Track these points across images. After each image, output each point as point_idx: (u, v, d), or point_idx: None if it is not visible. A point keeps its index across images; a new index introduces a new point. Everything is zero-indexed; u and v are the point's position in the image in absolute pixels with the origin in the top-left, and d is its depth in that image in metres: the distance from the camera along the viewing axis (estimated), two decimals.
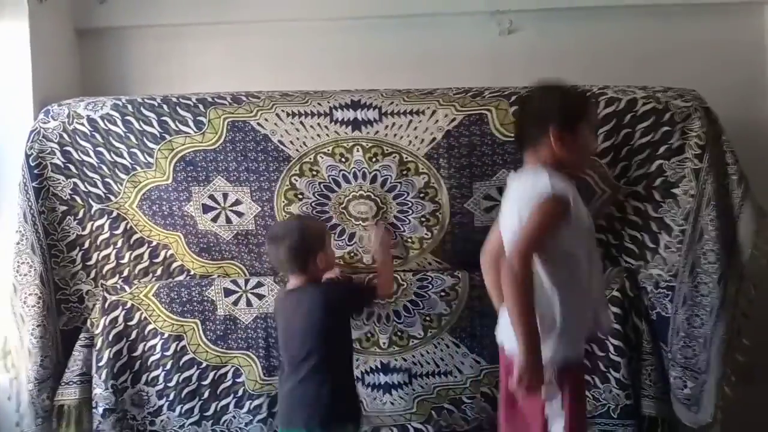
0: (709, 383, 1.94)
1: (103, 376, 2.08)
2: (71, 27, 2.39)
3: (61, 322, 2.12)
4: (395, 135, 1.99)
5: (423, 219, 2.05)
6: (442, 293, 2.10)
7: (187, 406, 2.12)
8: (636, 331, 2.08)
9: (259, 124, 1.99)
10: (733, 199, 1.93)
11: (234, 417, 2.12)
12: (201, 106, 2.01)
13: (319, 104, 1.99)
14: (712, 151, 1.93)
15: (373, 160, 2.01)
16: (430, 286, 2.10)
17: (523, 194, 1.66)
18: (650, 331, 2.07)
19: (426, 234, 2.07)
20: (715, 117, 1.94)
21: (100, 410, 2.07)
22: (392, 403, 2.12)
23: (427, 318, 2.11)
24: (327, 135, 2.00)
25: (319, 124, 1.99)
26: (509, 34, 2.40)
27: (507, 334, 1.69)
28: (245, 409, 2.12)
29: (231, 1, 2.37)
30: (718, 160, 1.93)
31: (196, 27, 2.42)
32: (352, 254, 2.11)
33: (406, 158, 2.00)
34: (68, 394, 2.10)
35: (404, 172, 2.01)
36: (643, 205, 2.03)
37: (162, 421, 2.12)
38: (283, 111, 1.99)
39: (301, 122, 1.99)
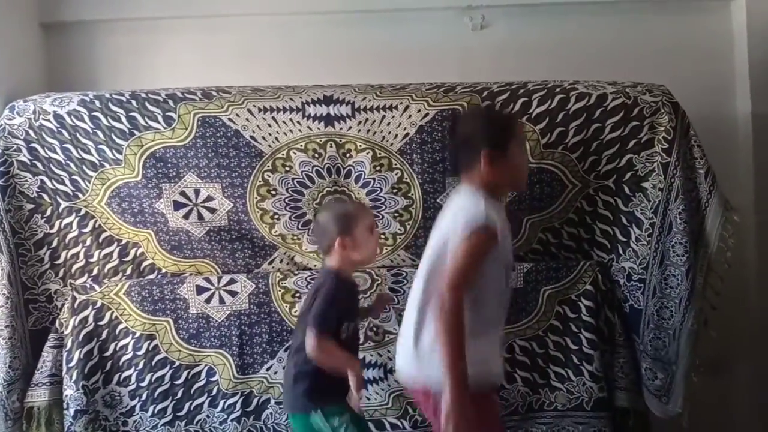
0: (678, 374, 1.98)
1: (74, 376, 2.04)
2: (36, 21, 2.34)
3: (30, 322, 2.07)
4: (368, 130, 1.99)
5: (396, 214, 2.05)
6: None
7: (160, 406, 2.08)
8: (609, 324, 2.11)
9: (230, 119, 1.98)
10: (701, 192, 1.97)
11: (208, 416, 2.10)
12: (171, 102, 1.98)
13: (291, 99, 1.98)
14: (680, 146, 1.96)
15: (347, 155, 2.01)
16: (405, 282, 2.09)
17: (458, 214, 1.66)
18: (623, 323, 2.10)
19: (399, 229, 2.07)
20: (683, 112, 1.98)
21: (72, 411, 2.03)
22: (368, 399, 2.11)
23: (402, 314, 2.10)
24: (300, 131, 1.99)
25: (291, 119, 1.98)
26: (481, 30, 2.41)
27: (426, 372, 1.65)
28: (219, 408, 2.09)
29: None
30: (686, 154, 1.97)
31: (166, 21, 2.38)
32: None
33: (380, 154, 2.00)
34: (38, 396, 2.06)
35: (378, 168, 2.01)
36: (614, 199, 2.06)
37: (135, 421, 2.09)
38: (254, 106, 1.98)
39: (273, 118, 1.98)
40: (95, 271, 2.10)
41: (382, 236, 2.07)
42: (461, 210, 1.67)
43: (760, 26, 2.35)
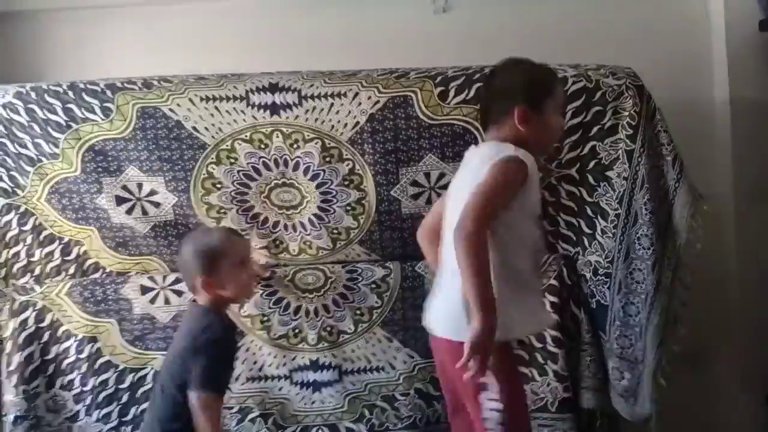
0: (645, 374, 1.87)
1: (14, 381, 1.95)
2: None
3: None
4: (316, 119, 1.89)
5: (348, 208, 1.95)
6: (373, 285, 2.00)
7: (104, 411, 1.99)
8: (575, 321, 2.00)
9: (170, 109, 1.88)
10: (668, 181, 1.86)
11: None
12: (109, 92, 1.88)
13: (234, 87, 1.88)
14: (646, 132, 1.85)
15: (294, 146, 1.91)
16: (360, 278, 2.00)
17: (484, 159, 1.55)
18: (589, 320, 1.99)
19: (352, 223, 1.97)
20: (649, 95, 1.86)
21: (11, 418, 1.94)
22: (322, 402, 2.02)
23: (358, 311, 2.01)
24: (244, 120, 1.89)
25: (235, 108, 1.88)
26: (444, 13, 2.29)
27: (446, 321, 1.57)
28: None
29: None
30: (651, 140, 1.86)
31: (113, 10, 2.28)
32: (277, 242, 2.00)
33: (329, 144, 1.90)
34: None
35: (327, 159, 1.91)
36: (578, 190, 1.95)
37: (80, 426, 2.00)
38: (196, 96, 1.88)
39: (216, 107, 1.88)
40: (37, 271, 2.01)
41: (334, 231, 1.97)
42: (489, 154, 1.54)
43: (738, 6, 2.23)
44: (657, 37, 2.27)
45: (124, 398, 2.00)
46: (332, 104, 1.88)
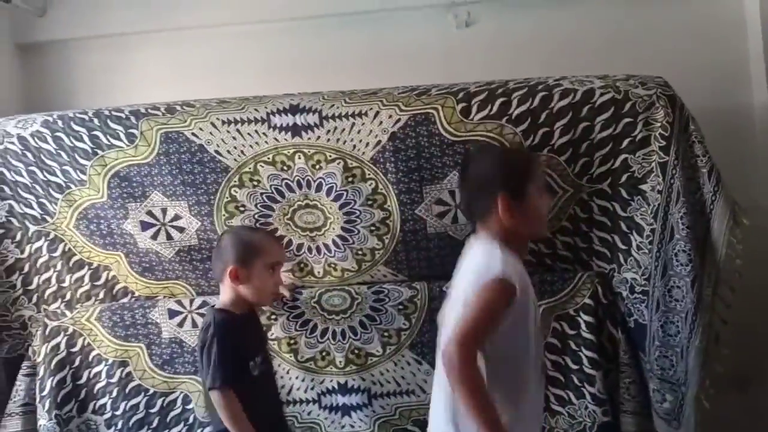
0: (688, 396, 1.78)
1: (47, 405, 1.97)
2: (11, 42, 2.30)
3: (3, 350, 2.01)
4: (338, 140, 1.86)
5: (373, 228, 1.92)
6: (400, 306, 1.96)
7: None
8: (612, 341, 1.92)
9: (193, 134, 1.88)
10: (705, 194, 1.77)
11: None
12: (133, 118, 1.90)
13: (256, 110, 1.87)
14: (679, 143, 1.76)
15: (316, 167, 1.88)
16: (387, 299, 1.96)
17: (474, 269, 1.52)
18: (627, 340, 1.91)
19: (377, 244, 1.93)
20: (682, 105, 1.78)
21: None
22: (352, 426, 1.98)
23: (386, 333, 1.97)
24: (266, 142, 1.88)
25: (256, 131, 1.87)
26: (467, 27, 2.25)
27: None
28: None
29: (172, 7, 2.26)
30: (686, 152, 1.77)
31: (139, 36, 2.33)
32: (301, 265, 1.98)
33: (351, 164, 1.87)
34: (12, 426, 1.99)
35: (350, 179, 1.88)
36: (611, 204, 1.87)
37: None
38: (218, 119, 1.87)
39: (238, 130, 1.87)
40: (68, 296, 2.04)
41: (359, 252, 1.94)
42: (475, 264, 1.53)
43: None
44: (691, 43, 2.20)
45: (155, 423, 2.01)
46: (353, 124, 1.85)
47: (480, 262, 1.51)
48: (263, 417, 1.69)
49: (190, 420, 2.01)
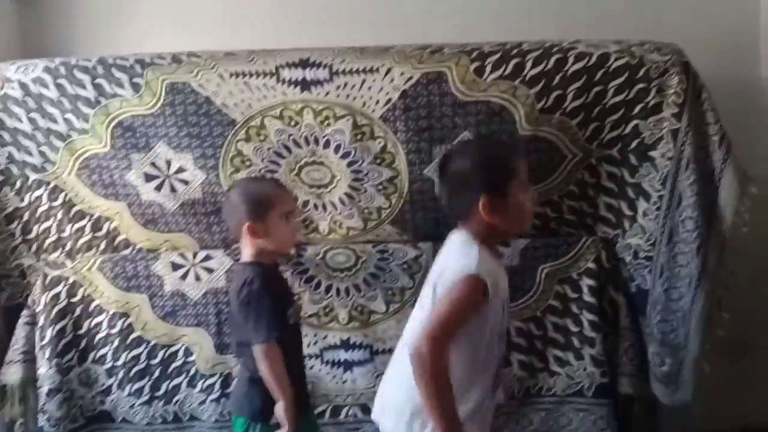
0: (687, 360, 1.81)
1: (47, 354, 1.96)
2: None
3: (3, 298, 2.00)
4: (348, 96, 1.84)
5: (380, 187, 1.91)
6: (405, 266, 1.96)
7: (136, 386, 2.00)
8: (613, 305, 1.95)
9: (200, 85, 1.84)
10: (714, 162, 1.78)
11: (186, 397, 2.01)
12: (138, 67, 1.85)
13: (265, 63, 1.83)
14: (692, 110, 1.77)
15: (325, 123, 1.86)
16: (392, 259, 1.96)
17: (450, 265, 1.50)
18: (628, 304, 1.94)
19: (384, 203, 1.93)
20: (695, 72, 1.77)
21: (45, 390, 1.95)
22: (353, 382, 2.00)
23: (390, 292, 1.98)
24: (274, 96, 1.84)
25: (265, 84, 1.84)
26: None
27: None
28: (198, 389, 2.00)
29: None
30: (697, 119, 1.77)
31: None
32: (306, 222, 1.97)
33: (361, 121, 1.85)
34: (11, 373, 1.98)
35: (358, 137, 1.86)
36: (619, 170, 1.88)
37: (112, 400, 2.01)
38: (225, 71, 1.83)
39: (246, 83, 1.84)
40: (68, 246, 2.01)
41: (365, 211, 1.94)
42: (451, 260, 1.51)
43: None
44: (703, 12, 2.17)
45: (156, 373, 2.01)
46: (364, 80, 1.82)
47: (456, 258, 1.50)
48: (295, 366, 1.70)
49: (192, 371, 2.01)
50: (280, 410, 1.59)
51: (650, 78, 1.77)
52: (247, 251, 1.72)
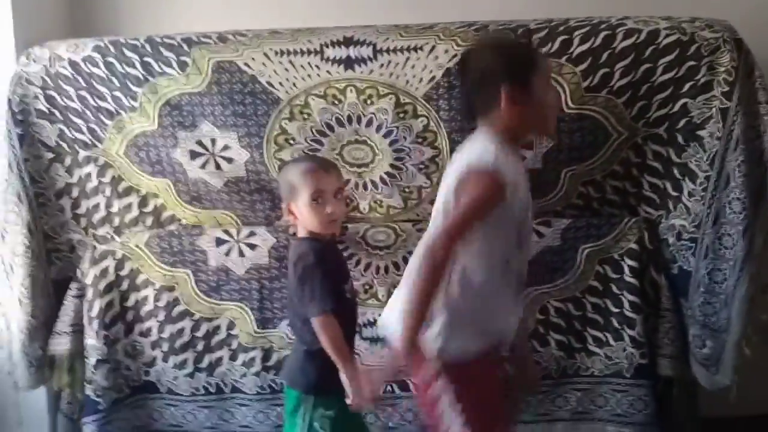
0: (729, 343, 1.80)
1: (95, 326, 2.02)
2: None
3: (53, 271, 2.05)
4: (391, 74, 1.84)
5: (421, 166, 1.91)
6: None
7: (180, 358, 2.06)
8: (654, 287, 1.94)
9: (246, 64, 1.86)
10: (765, 142, 1.74)
11: (228, 370, 2.06)
12: (185, 46, 1.87)
13: (309, 42, 1.85)
14: (743, 89, 1.73)
15: (368, 102, 1.87)
16: None
17: (466, 161, 1.49)
18: (670, 286, 1.93)
19: (425, 182, 1.93)
20: (747, 50, 1.73)
21: (92, 360, 2.02)
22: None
23: None
24: (318, 75, 1.86)
25: (309, 63, 1.85)
26: None
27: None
28: (239, 362, 2.05)
29: None
30: (748, 98, 1.74)
31: None
32: (347, 201, 1.98)
33: (403, 99, 1.85)
34: (60, 344, 2.04)
35: (401, 115, 1.87)
36: (665, 150, 1.86)
37: (156, 372, 2.07)
38: (271, 50, 1.85)
39: (291, 61, 1.85)
40: (116, 222, 2.06)
41: (406, 190, 1.95)
42: (468, 157, 1.49)
43: None
44: None
45: (199, 347, 2.06)
46: (408, 58, 1.82)
47: (473, 155, 1.48)
48: (350, 340, 1.74)
49: (234, 345, 2.05)
50: (344, 380, 1.61)
51: (701, 55, 1.74)
52: (300, 228, 1.75)
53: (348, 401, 1.60)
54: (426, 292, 1.42)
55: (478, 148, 1.49)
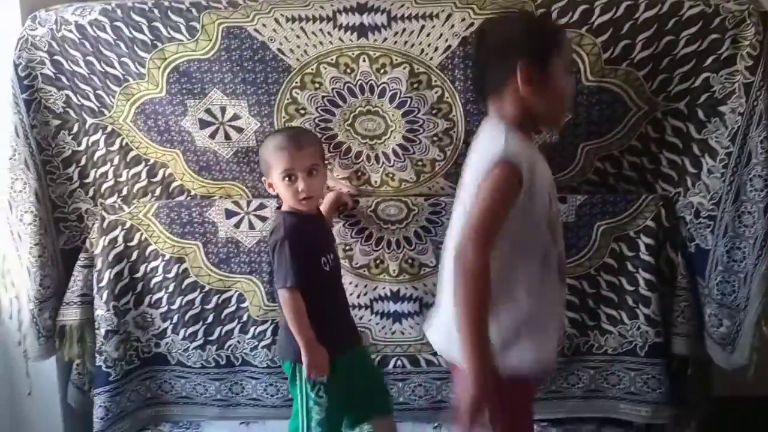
0: (746, 322, 1.77)
1: (105, 297, 2.01)
2: None
3: (61, 241, 2.04)
4: (405, 42, 1.79)
5: (435, 138, 1.87)
6: None
7: (191, 330, 2.05)
8: (670, 265, 1.91)
9: (256, 30, 1.81)
10: None
11: (239, 342, 2.05)
12: (194, 11, 1.82)
13: (321, 7, 1.79)
14: (767, 64, 1.67)
15: (381, 71, 1.82)
16: (444, 212, 1.93)
17: (480, 156, 1.40)
18: (686, 264, 1.89)
19: (438, 155, 1.89)
20: None
21: (102, 331, 2.01)
22: (402, 333, 2.01)
23: (440, 246, 1.95)
24: (330, 42, 1.81)
25: (321, 30, 1.80)
26: None
27: (441, 340, 1.51)
28: (250, 335, 2.04)
29: None
30: None
31: None
32: (359, 173, 1.95)
33: (418, 69, 1.81)
34: (70, 315, 2.04)
35: (415, 85, 1.82)
36: (685, 125, 1.81)
37: (167, 343, 2.07)
38: (282, 15, 1.80)
39: (302, 28, 1.80)
40: (124, 191, 2.03)
41: (419, 163, 1.91)
42: (482, 150, 1.41)
43: None
44: None
45: (210, 318, 2.05)
46: (423, 26, 1.77)
47: (485, 147, 1.40)
48: (331, 310, 1.75)
49: (244, 318, 2.04)
50: (303, 353, 1.65)
51: (725, 28, 1.68)
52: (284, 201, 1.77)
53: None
54: (475, 313, 1.30)
55: (488, 138, 1.42)
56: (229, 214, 2.00)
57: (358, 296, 1.99)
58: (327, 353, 1.66)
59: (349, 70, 1.83)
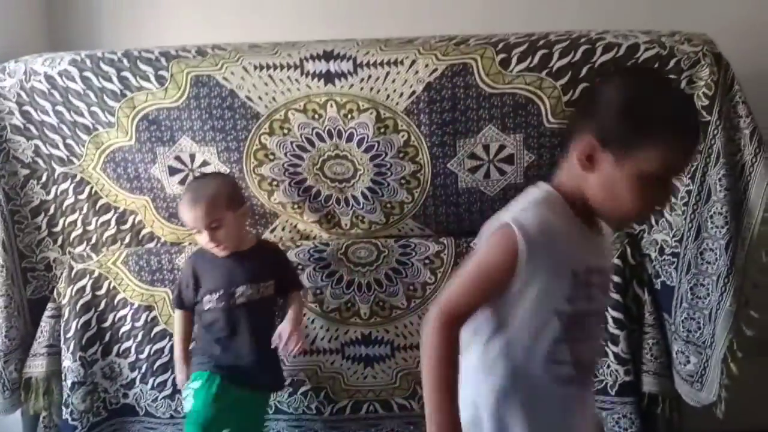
0: (713, 359, 1.78)
1: (72, 347, 1.97)
2: None
3: (29, 291, 2.01)
4: (371, 89, 1.82)
5: (403, 181, 1.89)
6: (426, 261, 1.95)
7: (159, 379, 2.01)
8: (637, 302, 1.92)
9: (224, 78, 1.84)
10: (745, 156, 1.73)
11: None
12: (163, 60, 1.85)
13: (289, 55, 1.83)
14: (723, 103, 1.72)
15: (348, 116, 1.85)
16: (413, 253, 1.95)
17: (497, 216, 1.15)
18: (653, 301, 1.91)
19: (407, 197, 1.91)
20: (727, 64, 1.73)
21: (69, 383, 1.97)
22: (374, 377, 1.99)
23: (411, 287, 1.97)
24: (298, 89, 1.84)
25: (289, 77, 1.83)
26: None
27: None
28: None
29: None
30: (729, 112, 1.73)
31: None
32: (329, 216, 1.97)
33: (384, 114, 1.84)
34: (36, 366, 2.00)
35: (382, 130, 1.85)
36: None
37: (135, 394, 2.03)
38: (250, 64, 1.83)
39: (270, 75, 1.83)
40: (93, 239, 2.03)
41: (388, 206, 1.93)
42: (509, 209, 1.14)
43: None
44: (735, 1, 2.12)
45: None
46: (388, 72, 1.81)
47: (507, 206, 1.16)
48: (231, 347, 1.80)
49: None
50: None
51: (680, 69, 1.73)
52: None
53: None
54: (438, 383, 1.05)
55: (519, 201, 1.15)
56: None
57: (329, 341, 1.98)
58: (185, 374, 1.81)
59: (317, 116, 1.85)
